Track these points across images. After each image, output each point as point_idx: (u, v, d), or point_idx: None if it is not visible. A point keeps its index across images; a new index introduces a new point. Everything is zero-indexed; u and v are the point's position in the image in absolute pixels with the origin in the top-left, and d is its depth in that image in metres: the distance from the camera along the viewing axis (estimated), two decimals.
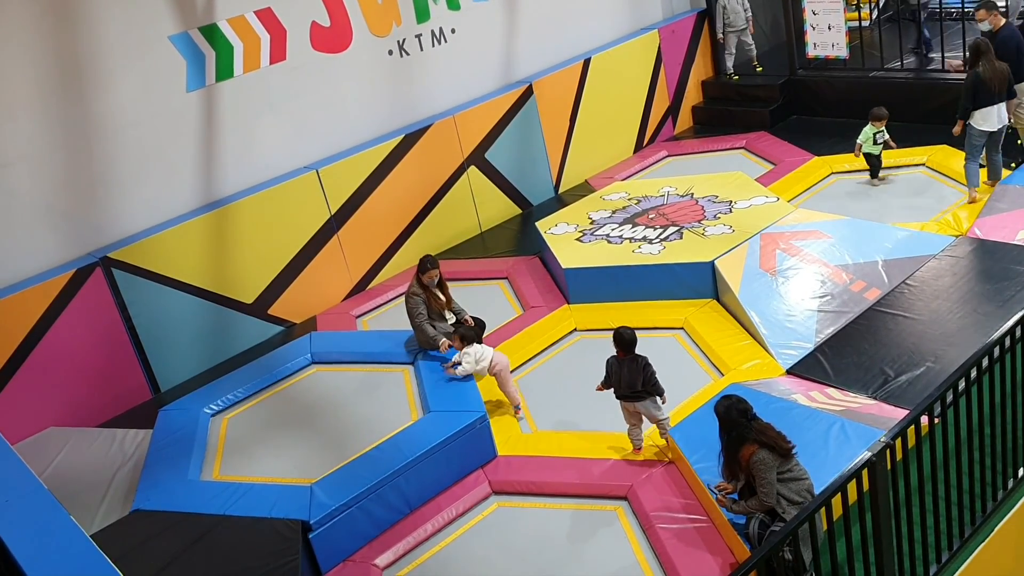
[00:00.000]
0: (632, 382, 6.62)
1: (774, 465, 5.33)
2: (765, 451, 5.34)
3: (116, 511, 7.15)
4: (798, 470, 5.44)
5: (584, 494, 6.70)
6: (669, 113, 13.59)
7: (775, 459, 5.33)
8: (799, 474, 5.43)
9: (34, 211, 8.65)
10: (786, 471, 5.37)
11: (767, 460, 5.32)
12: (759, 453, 5.34)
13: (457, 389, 7.66)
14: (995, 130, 9.25)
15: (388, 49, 10.85)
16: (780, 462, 5.35)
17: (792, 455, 5.40)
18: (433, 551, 6.57)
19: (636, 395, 6.65)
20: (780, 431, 5.48)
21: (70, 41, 8.60)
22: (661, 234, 9.49)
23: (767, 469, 5.32)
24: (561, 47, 12.48)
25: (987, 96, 9.10)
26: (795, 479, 5.40)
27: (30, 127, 8.49)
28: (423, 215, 11.07)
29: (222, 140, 9.74)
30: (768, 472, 5.31)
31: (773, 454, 5.33)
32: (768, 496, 5.33)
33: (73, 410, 8.74)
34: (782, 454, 5.35)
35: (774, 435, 5.41)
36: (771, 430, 5.45)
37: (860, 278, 8.34)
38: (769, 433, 5.41)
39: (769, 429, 5.45)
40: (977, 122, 9.23)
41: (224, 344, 9.66)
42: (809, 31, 12.67)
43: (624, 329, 6.70)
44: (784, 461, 5.37)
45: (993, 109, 9.14)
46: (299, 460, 7.48)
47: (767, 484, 5.32)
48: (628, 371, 6.63)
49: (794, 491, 5.37)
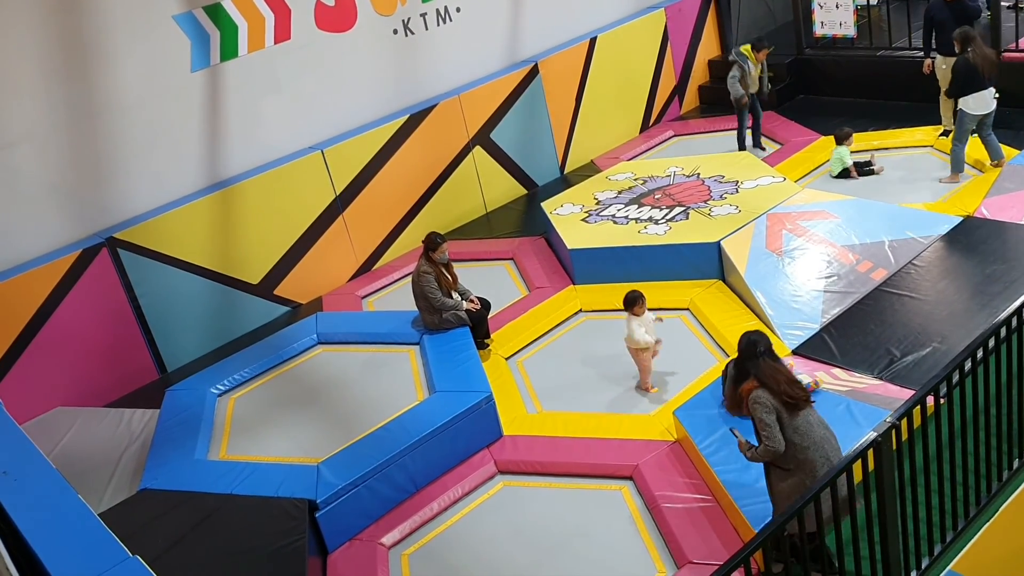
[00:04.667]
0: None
1: (774, 408, 5.00)
2: (764, 392, 5.04)
3: (124, 490, 7.19)
4: (806, 428, 5.02)
5: (589, 474, 6.72)
6: (675, 93, 13.52)
7: (777, 404, 5.00)
8: (807, 433, 5.01)
9: (40, 192, 8.66)
10: (792, 427, 5.00)
11: (764, 401, 5.00)
12: (757, 391, 5.05)
13: (463, 369, 7.67)
14: (987, 112, 9.39)
15: (393, 28, 10.80)
16: (787, 413, 5.00)
17: (799, 411, 5.02)
18: (439, 530, 6.60)
19: None
20: (795, 382, 5.11)
21: (74, 21, 8.57)
22: (667, 214, 9.47)
23: (764, 410, 4.99)
24: (567, 26, 12.40)
25: (978, 81, 9.25)
26: (802, 436, 5.00)
27: (35, 108, 8.48)
28: (428, 195, 11.05)
29: (227, 120, 9.72)
30: (765, 414, 4.99)
31: (775, 398, 5.02)
32: (770, 440, 4.97)
33: (80, 390, 8.78)
34: (784, 403, 5.01)
35: (779, 379, 5.06)
36: (779, 374, 5.09)
37: (867, 258, 8.32)
38: (773, 375, 5.07)
39: (777, 372, 5.09)
40: (970, 107, 9.34)
41: (230, 324, 9.68)
42: (816, 10, 12.58)
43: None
44: (791, 413, 5.01)
45: (985, 93, 9.30)
46: (306, 440, 7.51)
47: (765, 427, 4.99)
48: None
49: (800, 449, 5.00)
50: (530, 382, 8.00)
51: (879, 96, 11.95)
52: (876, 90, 12.04)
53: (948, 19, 10.03)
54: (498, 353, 8.39)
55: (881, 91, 11.99)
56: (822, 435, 5.08)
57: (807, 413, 5.09)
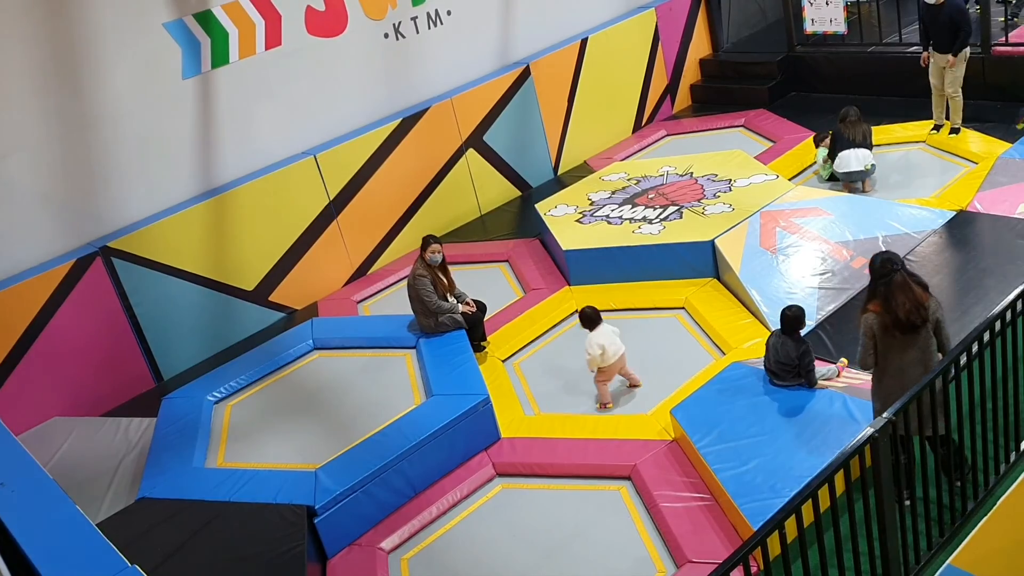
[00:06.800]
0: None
1: (873, 334, 5.33)
2: (875, 317, 5.31)
3: (122, 499, 7.18)
4: (893, 355, 5.32)
5: (587, 475, 6.72)
6: (667, 92, 13.54)
7: (881, 328, 5.28)
8: (890, 360, 5.32)
9: (32, 202, 8.64)
10: (882, 352, 5.34)
11: (868, 324, 5.34)
12: (868, 315, 5.35)
13: (460, 372, 7.67)
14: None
15: (384, 32, 10.80)
16: (886, 336, 5.26)
17: (901, 335, 5.25)
18: (438, 534, 6.60)
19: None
20: (920, 307, 5.25)
21: (64, 30, 8.56)
22: (661, 214, 9.48)
23: (863, 331, 5.37)
24: (558, 27, 12.40)
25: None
26: (886, 361, 5.35)
27: (26, 117, 8.46)
28: (422, 199, 11.05)
29: (219, 127, 9.71)
30: (863, 335, 5.37)
31: (883, 319, 5.26)
32: (861, 358, 5.45)
33: (77, 400, 8.76)
34: (896, 321, 5.24)
35: (903, 301, 5.23)
36: (905, 295, 5.23)
37: (861, 254, 8.32)
38: (898, 296, 5.24)
39: (903, 293, 5.24)
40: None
41: (226, 331, 9.67)
42: (807, 6, 12.59)
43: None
44: (890, 336, 5.26)
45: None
46: (303, 446, 7.50)
47: (861, 346, 5.43)
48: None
49: (879, 371, 5.38)
50: (527, 384, 8.00)
51: (871, 92, 11.97)
52: (867, 86, 12.07)
53: (930, 20, 10.05)
54: (494, 355, 8.39)
55: (872, 87, 12.01)
56: (900, 365, 5.38)
57: (908, 340, 5.31)
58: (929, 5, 9.99)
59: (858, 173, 9.68)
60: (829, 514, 4.61)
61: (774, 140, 11.69)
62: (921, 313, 5.27)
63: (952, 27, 9.78)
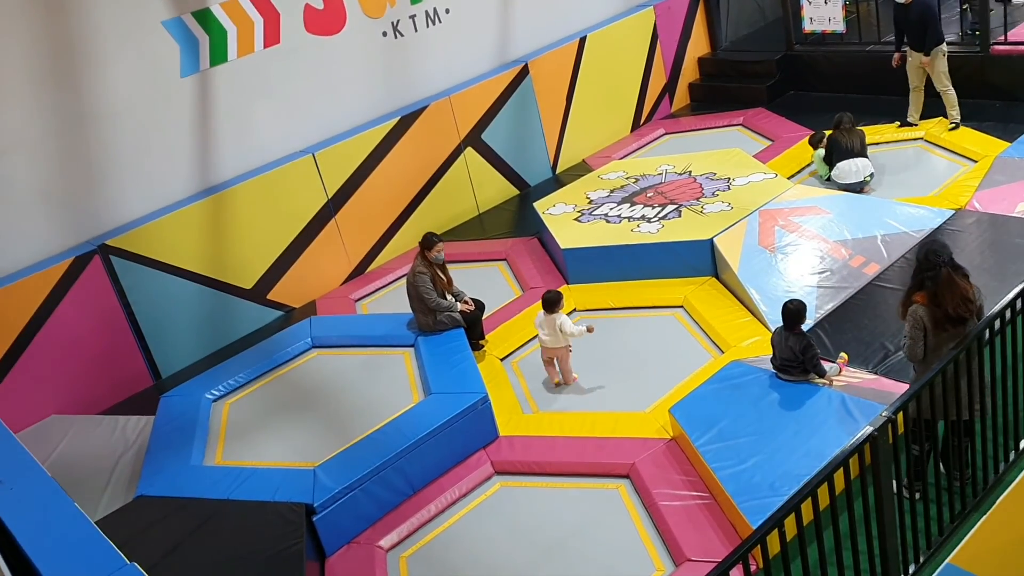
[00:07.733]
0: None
1: (923, 327, 5.31)
2: (924, 309, 5.30)
3: (120, 498, 7.17)
4: (940, 350, 5.28)
5: (586, 473, 6.72)
6: (666, 91, 13.53)
7: (932, 321, 5.28)
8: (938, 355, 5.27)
9: (30, 200, 8.63)
10: (932, 345, 5.32)
11: (918, 317, 5.33)
12: (917, 306, 5.34)
13: (458, 371, 7.67)
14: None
15: (382, 31, 10.79)
16: (936, 329, 5.26)
17: (951, 328, 5.27)
18: (437, 532, 6.59)
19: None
20: (968, 300, 5.29)
21: (62, 28, 8.55)
22: (659, 212, 9.47)
23: (913, 324, 5.36)
24: (556, 25, 12.40)
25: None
26: (933, 355, 5.32)
27: (24, 115, 8.45)
28: (420, 197, 11.04)
29: (217, 125, 9.70)
30: (913, 328, 5.37)
31: (932, 315, 5.27)
32: (909, 351, 5.46)
33: (75, 398, 8.75)
34: (947, 315, 5.25)
35: (954, 294, 5.26)
36: (956, 288, 5.26)
37: (859, 253, 8.33)
38: (950, 289, 5.26)
39: (954, 287, 5.27)
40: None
41: (224, 330, 9.66)
42: (805, 5, 12.60)
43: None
44: (940, 329, 5.26)
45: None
46: (301, 444, 7.49)
47: (910, 339, 5.41)
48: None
49: (927, 364, 5.32)
50: (525, 382, 8.00)
51: (869, 91, 11.97)
52: (866, 85, 12.06)
53: (903, 20, 10.29)
54: (493, 354, 8.39)
55: (871, 86, 12.00)
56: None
57: (958, 332, 5.29)
58: (899, 5, 10.19)
59: (857, 184, 9.69)
60: (829, 512, 4.62)
61: (772, 139, 11.69)
62: (969, 307, 5.31)
63: (922, 25, 9.98)
